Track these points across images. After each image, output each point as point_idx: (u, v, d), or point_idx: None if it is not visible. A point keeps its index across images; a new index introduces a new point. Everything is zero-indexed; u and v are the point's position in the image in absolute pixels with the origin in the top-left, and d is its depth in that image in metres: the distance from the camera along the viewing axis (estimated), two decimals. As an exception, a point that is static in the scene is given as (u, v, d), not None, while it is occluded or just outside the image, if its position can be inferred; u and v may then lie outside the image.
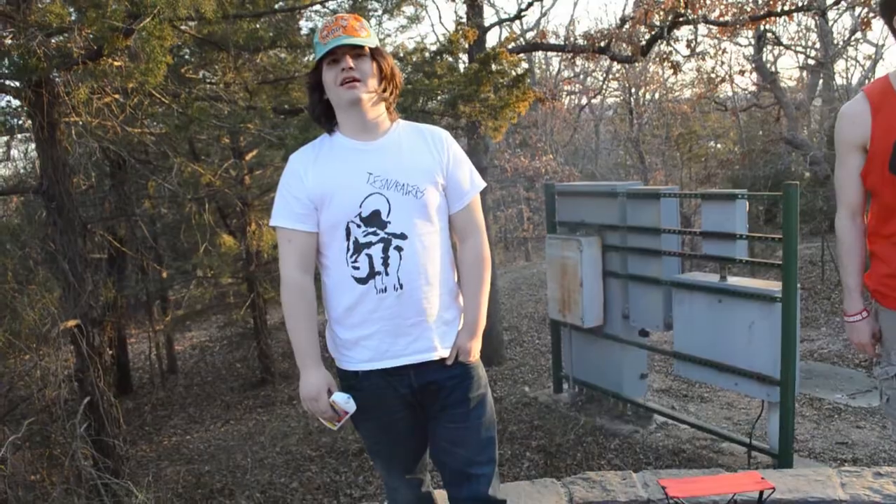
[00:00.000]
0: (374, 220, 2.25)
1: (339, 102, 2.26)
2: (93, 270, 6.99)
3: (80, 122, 6.01)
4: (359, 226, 2.25)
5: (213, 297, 11.59)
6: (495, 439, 2.45)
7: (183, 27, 7.55)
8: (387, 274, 2.25)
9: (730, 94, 20.67)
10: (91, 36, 5.27)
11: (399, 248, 2.25)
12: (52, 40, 5.39)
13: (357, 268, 2.26)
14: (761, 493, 2.82)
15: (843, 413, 6.60)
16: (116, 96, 6.17)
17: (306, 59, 10.18)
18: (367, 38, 2.25)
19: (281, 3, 8.83)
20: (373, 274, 2.25)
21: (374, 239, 2.25)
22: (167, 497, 6.06)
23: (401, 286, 2.25)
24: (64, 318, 5.90)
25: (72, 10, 5.97)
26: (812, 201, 14.95)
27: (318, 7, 8.84)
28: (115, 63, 5.44)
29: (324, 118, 2.33)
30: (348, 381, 2.37)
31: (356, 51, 2.23)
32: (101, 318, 6.30)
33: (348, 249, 2.26)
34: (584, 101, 26.83)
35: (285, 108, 8.53)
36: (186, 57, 9.57)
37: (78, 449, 5.20)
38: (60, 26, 5.34)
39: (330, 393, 2.30)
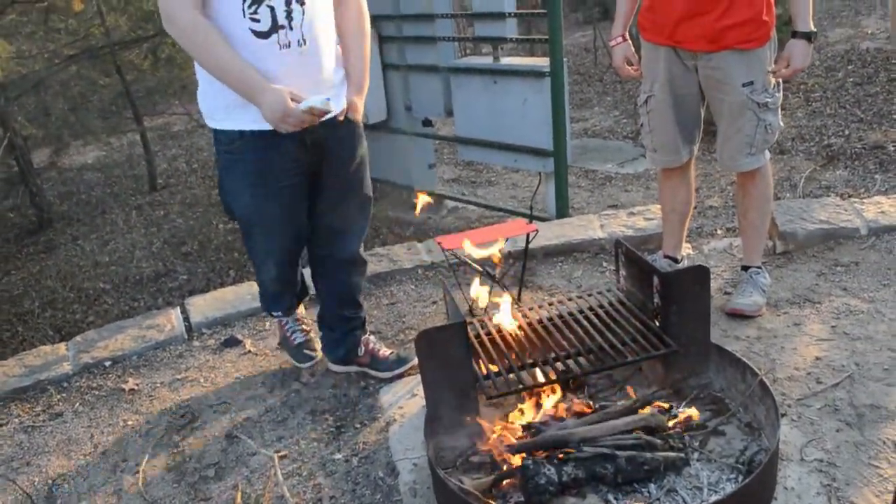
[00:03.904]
0: None
1: None
2: None
3: None
4: None
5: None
6: (371, 200, 2.59)
7: None
8: (291, 28, 2.14)
9: None
10: None
11: (301, 2, 2.14)
12: None
13: (257, 20, 2.10)
14: (528, 235, 3.05)
15: (613, 180, 7.19)
16: None
17: None
18: None
19: None
20: (276, 28, 2.12)
21: None
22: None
23: (304, 42, 2.17)
24: None
25: None
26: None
27: None
28: None
29: None
30: (232, 143, 2.28)
31: None
32: None
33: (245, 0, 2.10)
34: None
35: None
36: None
37: None
38: None
39: (295, 101, 2.13)
